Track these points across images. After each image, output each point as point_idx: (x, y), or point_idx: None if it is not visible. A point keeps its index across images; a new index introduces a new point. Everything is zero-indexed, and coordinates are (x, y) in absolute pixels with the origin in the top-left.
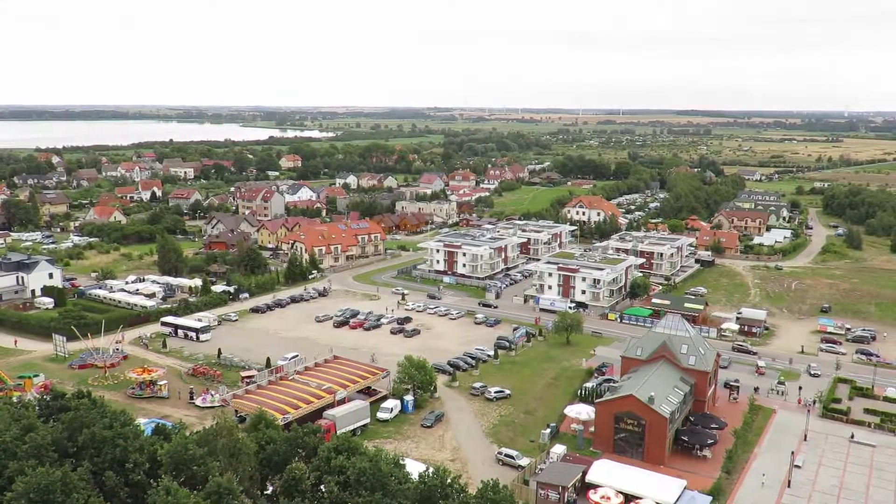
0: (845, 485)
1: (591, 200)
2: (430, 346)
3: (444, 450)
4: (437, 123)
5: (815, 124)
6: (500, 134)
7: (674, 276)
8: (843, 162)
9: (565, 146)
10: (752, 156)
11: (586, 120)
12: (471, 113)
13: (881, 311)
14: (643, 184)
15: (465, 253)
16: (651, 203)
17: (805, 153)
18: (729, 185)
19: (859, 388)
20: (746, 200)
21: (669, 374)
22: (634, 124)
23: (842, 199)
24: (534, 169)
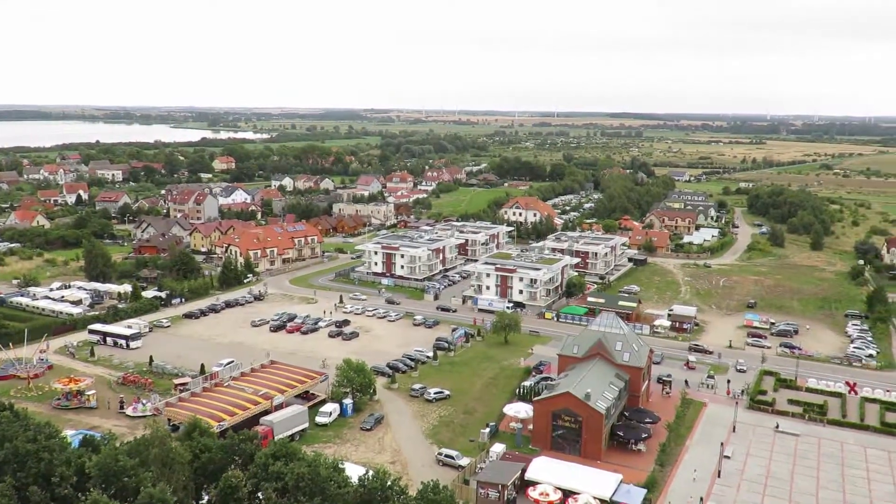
0: (772, 473)
1: (527, 201)
2: (369, 348)
3: (384, 452)
4: (374, 125)
5: (739, 127)
6: (438, 136)
7: (608, 274)
8: (766, 163)
9: (502, 148)
10: (681, 157)
11: (522, 122)
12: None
13: (803, 306)
14: (578, 185)
15: (404, 255)
16: (586, 203)
17: (731, 155)
18: (660, 186)
19: (783, 380)
20: (676, 200)
21: (605, 370)
22: (569, 126)
23: (765, 198)
24: (471, 170)
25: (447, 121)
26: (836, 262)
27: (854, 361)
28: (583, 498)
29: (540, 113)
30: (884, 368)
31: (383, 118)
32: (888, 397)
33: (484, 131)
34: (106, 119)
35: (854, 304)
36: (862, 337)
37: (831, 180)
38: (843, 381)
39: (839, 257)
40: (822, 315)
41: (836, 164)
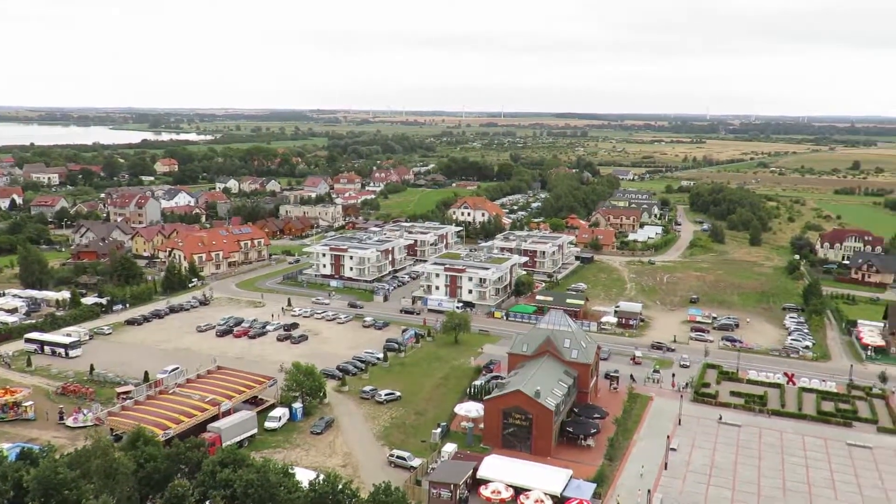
0: (716, 464)
1: (475, 201)
2: (319, 351)
3: (335, 456)
4: (320, 126)
5: (680, 127)
6: (385, 136)
7: (556, 273)
8: (706, 162)
9: (449, 148)
10: (625, 156)
11: (469, 122)
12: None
13: (743, 300)
14: (525, 184)
15: (352, 256)
16: (533, 203)
17: (672, 154)
18: (605, 185)
19: (726, 373)
20: (621, 199)
21: (554, 368)
22: (516, 126)
23: (706, 196)
24: (419, 171)
25: (395, 121)
26: (774, 257)
27: (791, 353)
28: (534, 494)
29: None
30: (819, 359)
31: (330, 119)
32: (824, 387)
33: (431, 132)
34: (41, 120)
35: (791, 297)
36: (799, 329)
37: (768, 178)
38: (781, 373)
39: (776, 252)
40: (761, 309)
41: (772, 163)
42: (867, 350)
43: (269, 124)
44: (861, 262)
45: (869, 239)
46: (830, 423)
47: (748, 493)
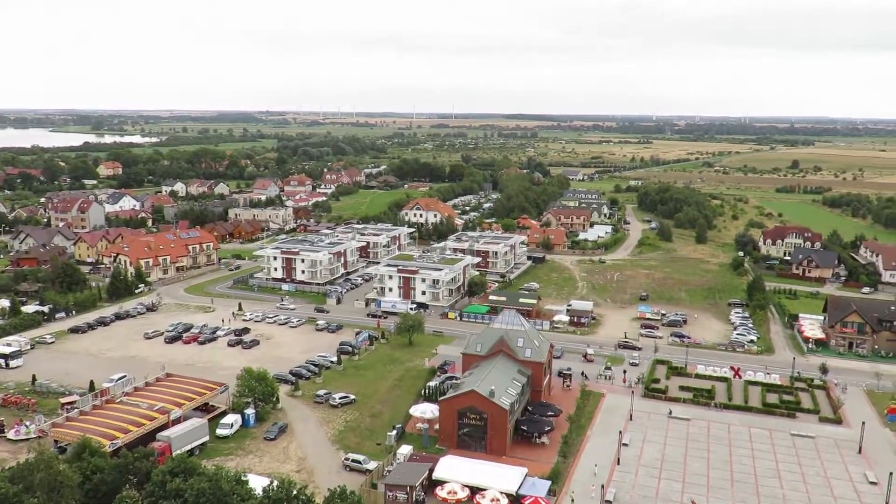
0: (666, 457)
1: (427, 202)
2: (271, 356)
3: (289, 461)
4: (269, 128)
5: (628, 127)
6: (336, 138)
7: (508, 273)
8: (653, 162)
9: (401, 149)
10: (574, 157)
11: (420, 123)
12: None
13: (690, 297)
14: (477, 185)
15: (304, 259)
16: (485, 203)
17: (621, 154)
18: (555, 185)
19: (675, 368)
20: (571, 199)
21: (508, 367)
22: (466, 128)
23: (654, 195)
24: (371, 172)
25: (345, 123)
26: (719, 254)
27: (737, 347)
28: (490, 493)
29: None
30: (763, 353)
31: (279, 120)
32: (768, 379)
33: (382, 133)
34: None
35: (736, 293)
36: (744, 324)
37: (712, 177)
38: (728, 367)
39: (721, 249)
40: (708, 305)
41: (717, 162)
42: (808, 343)
43: (217, 126)
44: (801, 257)
45: (808, 235)
46: (775, 414)
47: (698, 486)
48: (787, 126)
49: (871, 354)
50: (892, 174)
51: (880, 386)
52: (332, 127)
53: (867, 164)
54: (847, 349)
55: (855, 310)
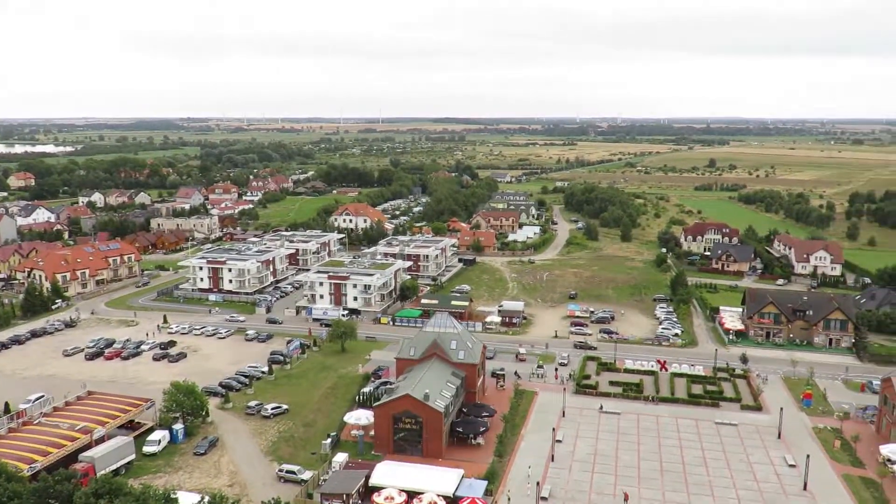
0: (599, 451)
1: (357, 208)
2: (200, 368)
3: (220, 476)
4: (191, 135)
5: (553, 129)
6: (261, 144)
7: (440, 276)
8: (578, 163)
9: (328, 155)
10: (502, 159)
11: (347, 128)
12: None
13: (617, 294)
14: (406, 189)
15: (231, 268)
16: (415, 207)
17: (547, 156)
18: (484, 188)
19: (604, 364)
20: (500, 201)
21: (442, 370)
22: (394, 132)
23: (580, 196)
24: (298, 179)
25: (270, 129)
26: (644, 252)
27: (663, 341)
28: (427, 497)
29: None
30: (688, 345)
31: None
32: (693, 371)
33: (309, 139)
34: None
35: (660, 288)
36: (668, 318)
37: (635, 177)
38: (655, 360)
39: (645, 247)
40: (634, 301)
41: (638, 162)
42: (729, 334)
43: (136, 134)
44: (720, 252)
45: (726, 231)
46: (700, 404)
47: (629, 478)
48: (703, 127)
49: (786, 343)
50: (801, 171)
51: (796, 373)
52: (257, 133)
53: (778, 162)
54: (765, 339)
55: (771, 301)
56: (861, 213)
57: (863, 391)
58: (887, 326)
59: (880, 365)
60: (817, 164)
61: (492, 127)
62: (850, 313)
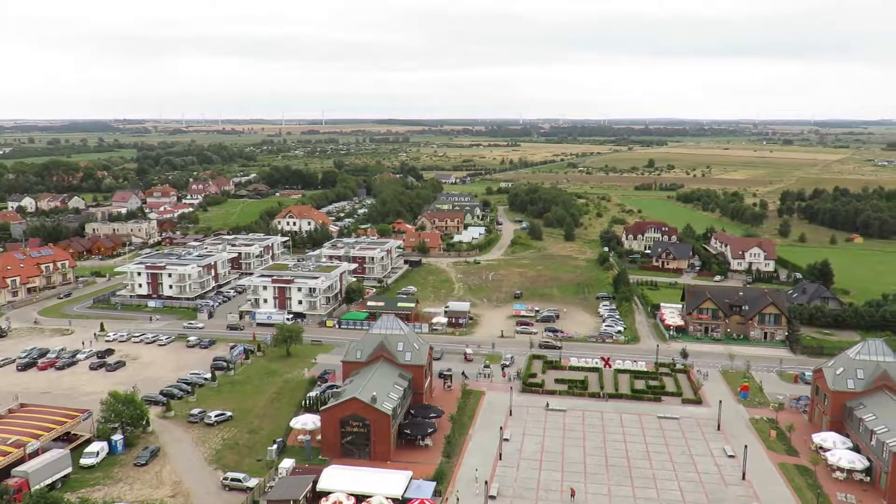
0: (546, 448)
1: (301, 210)
2: (139, 377)
3: (162, 486)
4: (127, 137)
5: (496, 131)
6: (201, 146)
7: (386, 278)
8: (521, 164)
9: (271, 157)
10: (446, 161)
11: (290, 130)
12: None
13: (561, 293)
14: (350, 191)
15: (171, 273)
16: (359, 209)
17: (490, 157)
18: (428, 189)
19: (550, 362)
20: (445, 202)
21: (389, 372)
22: (338, 133)
23: (523, 196)
24: (240, 181)
25: (210, 130)
26: (586, 251)
27: (606, 338)
28: (375, 500)
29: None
30: (630, 342)
31: (138, 129)
32: (636, 367)
33: (251, 140)
34: None
35: (603, 286)
36: (611, 315)
37: (577, 177)
38: (599, 357)
39: (588, 246)
40: (578, 299)
41: (580, 163)
42: (670, 330)
43: (69, 136)
44: (660, 250)
45: (665, 230)
46: (643, 399)
47: (576, 473)
48: (642, 127)
49: (724, 337)
50: (735, 170)
51: (733, 366)
52: (196, 135)
53: (714, 162)
54: (703, 334)
55: (709, 297)
56: (792, 210)
57: (796, 382)
58: (818, 319)
59: (812, 357)
60: (750, 164)
61: (436, 128)
62: (783, 307)
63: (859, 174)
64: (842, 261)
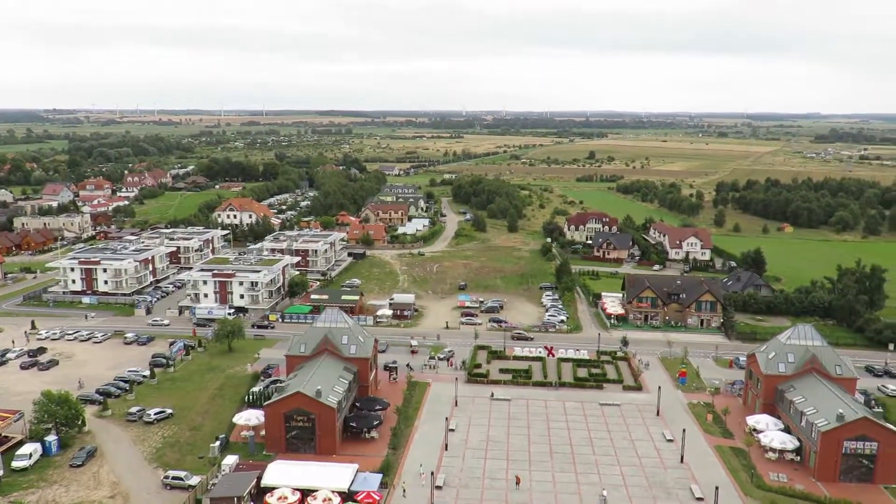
0: (491, 438)
1: (241, 203)
2: (74, 375)
3: (100, 487)
4: (58, 127)
5: (440, 122)
6: (136, 137)
7: (330, 270)
8: (465, 155)
9: (210, 148)
10: (390, 152)
11: (229, 121)
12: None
13: (505, 283)
14: (293, 183)
15: (106, 269)
16: (302, 202)
17: (434, 148)
18: (372, 181)
19: (494, 352)
20: (388, 194)
21: (333, 365)
22: (279, 125)
23: (467, 188)
24: (177, 173)
25: (146, 121)
26: (530, 242)
27: (549, 328)
28: (321, 494)
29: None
30: (573, 331)
31: (70, 119)
32: (578, 355)
33: (188, 131)
34: None
35: (546, 277)
36: (554, 305)
37: (520, 169)
38: (542, 347)
39: (531, 237)
40: (522, 290)
41: (523, 155)
42: (611, 319)
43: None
44: (601, 241)
45: (606, 220)
46: (585, 387)
47: (520, 461)
48: (583, 120)
49: (663, 325)
50: (673, 162)
51: (672, 353)
52: (131, 126)
53: (652, 154)
54: (643, 322)
55: (648, 286)
56: (726, 201)
57: (731, 367)
58: (751, 306)
59: (746, 342)
60: (687, 156)
61: (379, 120)
62: (718, 295)
63: (789, 166)
64: (773, 249)
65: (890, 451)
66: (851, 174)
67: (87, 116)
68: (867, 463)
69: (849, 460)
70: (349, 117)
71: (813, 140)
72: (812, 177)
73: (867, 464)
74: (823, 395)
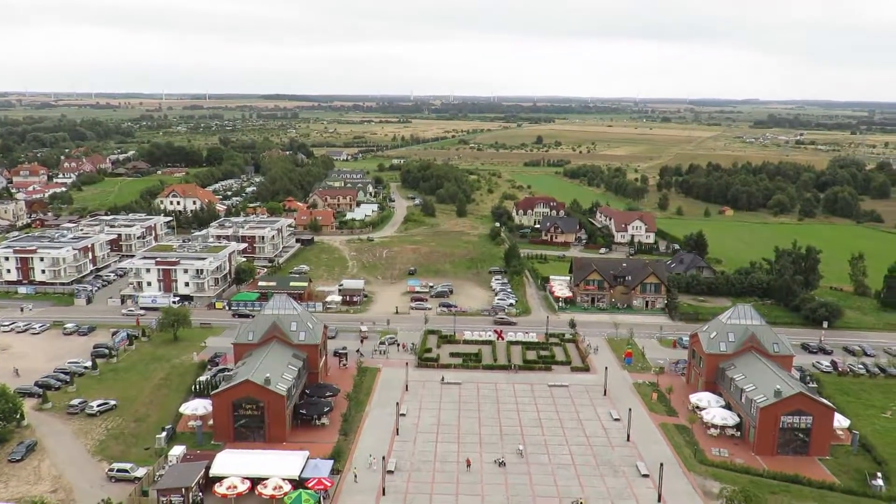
0: (442, 421)
1: (185, 189)
2: (11, 367)
3: (41, 482)
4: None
5: (388, 107)
6: (73, 122)
7: (277, 257)
8: (413, 140)
9: (151, 133)
10: (337, 137)
11: (171, 105)
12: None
13: (454, 268)
14: (238, 169)
15: (43, 257)
16: (248, 187)
17: (382, 133)
18: (320, 166)
19: (445, 336)
20: (336, 179)
21: (282, 352)
22: (223, 109)
23: (416, 173)
24: (117, 159)
25: (83, 105)
26: (479, 226)
27: (499, 311)
28: (272, 482)
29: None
30: (522, 314)
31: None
32: (527, 338)
33: (128, 115)
34: None
35: (495, 261)
36: (503, 289)
37: (468, 153)
38: (492, 330)
39: (480, 221)
40: (471, 274)
41: (471, 139)
42: (559, 302)
43: None
44: (549, 225)
45: (554, 204)
46: (535, 369)
47: (471, 444)
48: (530, 105)
49: (609, 307)
50: (618, 147)
51: (618, 334)
52: (67, 109)
53: (598, 139)
54: (590, 304)
55: (595, 269)
56: (670, 185)
57: (675, 347)
58: (694, 287)
59: (689, 322)
60: (632, 141)
61: (325, 104)
62: (662, 277)
63: (729, 150)
64: (715, 232)
65: (824, 425)
66: (788, 158)
67: (20, 99)
68: (803, 436)
69: (786, 434)
70: (295, 101)
71: (752, 125)
72: (751, 161)
73: (803, 437)
74: (762, 373)
